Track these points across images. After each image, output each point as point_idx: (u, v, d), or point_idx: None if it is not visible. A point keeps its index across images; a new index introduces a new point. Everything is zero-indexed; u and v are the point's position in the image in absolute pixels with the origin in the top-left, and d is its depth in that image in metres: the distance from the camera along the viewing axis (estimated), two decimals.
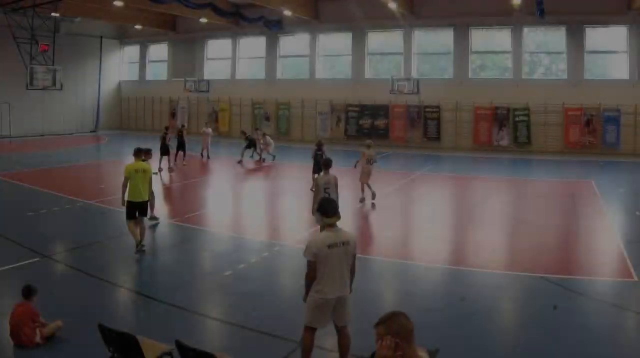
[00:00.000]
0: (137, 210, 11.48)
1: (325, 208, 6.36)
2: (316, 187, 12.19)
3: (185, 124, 32.02)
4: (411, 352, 3.45)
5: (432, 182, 22.34)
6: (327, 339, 7.08)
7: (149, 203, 12.20)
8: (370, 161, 17.22)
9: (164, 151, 23.19)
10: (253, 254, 11.74)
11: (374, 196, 17.00)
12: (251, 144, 27.09)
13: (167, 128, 24.84)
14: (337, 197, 11.34)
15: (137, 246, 11.35)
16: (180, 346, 5.52)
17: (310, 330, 6.45)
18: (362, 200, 17.00)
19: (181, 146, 24.64)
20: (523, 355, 7.41)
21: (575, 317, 8.46)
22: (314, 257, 6.17)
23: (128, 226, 11.51)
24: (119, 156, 28.12)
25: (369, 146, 17.53)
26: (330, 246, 6.19)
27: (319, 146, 18.90)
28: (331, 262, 6.20)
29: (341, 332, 6.55)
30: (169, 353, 6.01)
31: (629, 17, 30.52)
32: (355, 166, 17.79)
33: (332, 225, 6.35)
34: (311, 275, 6.27)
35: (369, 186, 17.08)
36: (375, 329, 3.43)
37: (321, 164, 13.54)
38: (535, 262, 11.33)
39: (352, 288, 6.59)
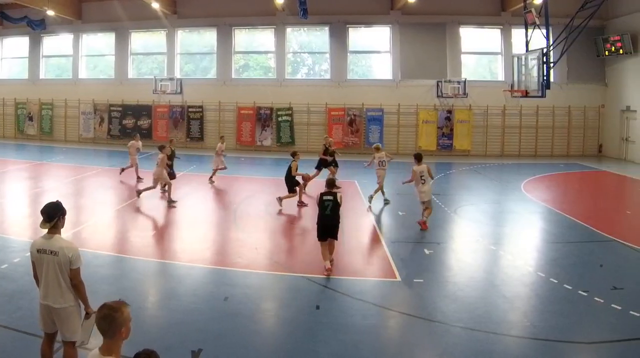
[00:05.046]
0: None
1: (41, 213, 5.25)
2: None
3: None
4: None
5: (196, 182, 18.74)
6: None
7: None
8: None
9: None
10: (16, 254, 9.86)
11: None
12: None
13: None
14: None
15: None
16: None
17: (44, 333, 5.46)
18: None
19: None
20: (285, 355, 6.48)
21: (338, 318, 7.46)
22: (31, 257, 5.34)
23: None
24: None
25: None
26: (39, 251, 5.22)
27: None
28: (39, 267, 5.27)
29: (63, 348, 5.37)
30: None
31: (392, 17, 26.76)
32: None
33: (49, 231, 5.24)
34: (33, 274, 5.41)
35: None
36: None
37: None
38: (299, 262, 10.09)
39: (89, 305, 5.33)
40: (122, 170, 18.68)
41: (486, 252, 10.95)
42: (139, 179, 18.22)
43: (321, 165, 17.47)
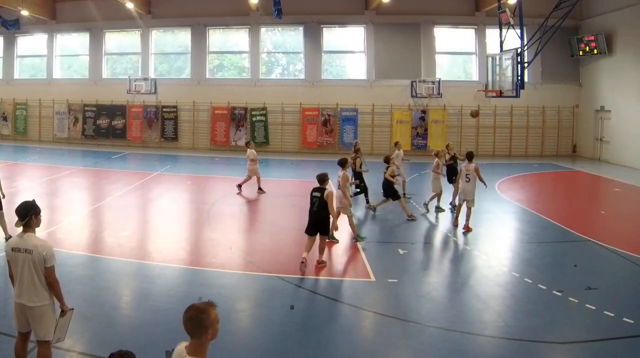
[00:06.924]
0: None
1: (15, 212, 4.97)
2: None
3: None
4: None
5: (170, 181, 17.82)
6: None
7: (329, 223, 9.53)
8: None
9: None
10: None
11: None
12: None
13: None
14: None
15: None
16: None
17: (18, 332, 5.15)
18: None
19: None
20: (260, 355, 6.07)
21: (312, 318, 7.13)
22: (6, 256, 5.07)
23: None
24: None
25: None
26: (14, 250, 4.95)
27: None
28: (14, 266, 4.99)
29: (37, 348, 5.08)
30: None
31: (366, 17, 24.98)
32: None
33: (24, 230, 4.97)
34: (8, 273, 5.12)
35: None
36: None
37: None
38: (273, 262, 9.42)
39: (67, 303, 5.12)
40: (240, 186, 15.70)
41: (461, 252, 10.49)
42: (259, 189, 15.82)
43: (452, 174, 14.59)
